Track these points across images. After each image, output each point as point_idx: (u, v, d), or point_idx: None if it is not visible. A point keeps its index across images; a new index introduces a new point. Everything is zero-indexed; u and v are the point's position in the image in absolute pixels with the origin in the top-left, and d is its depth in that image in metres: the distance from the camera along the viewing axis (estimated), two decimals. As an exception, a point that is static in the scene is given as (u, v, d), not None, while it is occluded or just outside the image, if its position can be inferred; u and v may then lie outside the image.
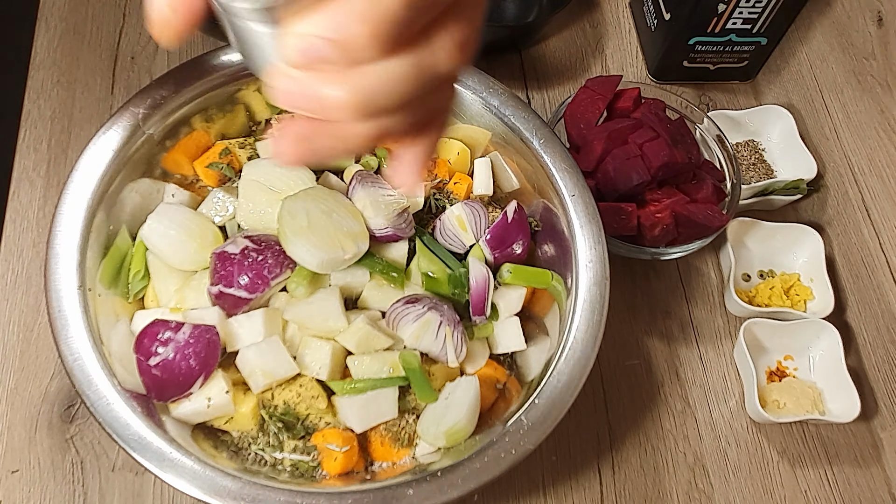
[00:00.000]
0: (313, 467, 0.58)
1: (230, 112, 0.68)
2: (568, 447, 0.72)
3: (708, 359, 0.78)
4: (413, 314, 0.60)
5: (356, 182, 0.63)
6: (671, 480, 0.72)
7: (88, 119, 0.82)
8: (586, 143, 0.77)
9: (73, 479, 0.66)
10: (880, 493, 0.73)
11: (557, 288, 0.63)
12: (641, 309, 0.80)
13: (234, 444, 0.59)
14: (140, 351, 0.56)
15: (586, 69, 0.93)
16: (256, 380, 0.57)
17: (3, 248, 0.74)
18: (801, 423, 0.75)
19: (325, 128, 0.31)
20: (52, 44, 0.86)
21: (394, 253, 0.63)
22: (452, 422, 0.58)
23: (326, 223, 0.58)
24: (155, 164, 0.66)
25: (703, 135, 0.82)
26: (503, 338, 0.64)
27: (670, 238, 0.75)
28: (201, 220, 0.63)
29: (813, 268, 0.81)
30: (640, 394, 0.75)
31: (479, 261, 0.63)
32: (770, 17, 0.83)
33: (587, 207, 0.63)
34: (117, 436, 0.52)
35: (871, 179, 0.90)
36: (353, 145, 0.32)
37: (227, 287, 0.58)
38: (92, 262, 0.59)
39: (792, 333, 0.77)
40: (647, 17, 0.92)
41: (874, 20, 1.02)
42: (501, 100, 0.67)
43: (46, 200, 0.77)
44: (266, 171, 0.63)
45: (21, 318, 0.71)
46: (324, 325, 0.60)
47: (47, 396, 0.68)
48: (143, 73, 0.86)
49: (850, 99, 0.95)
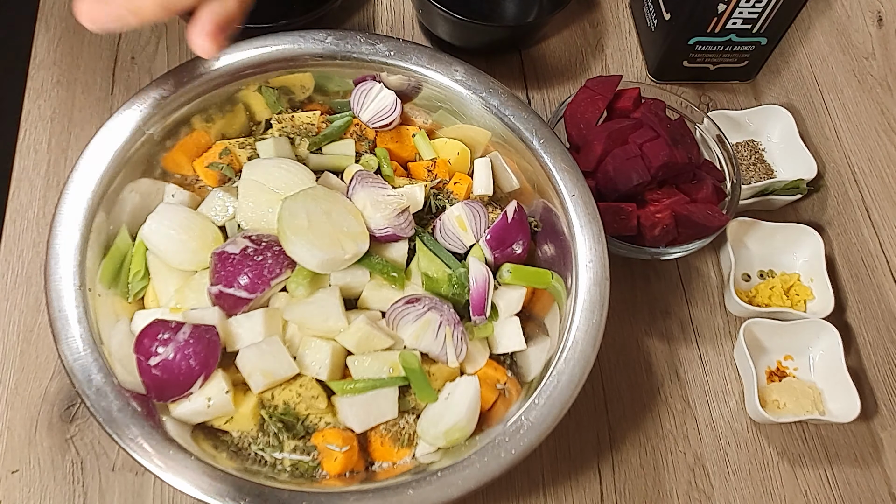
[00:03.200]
0: (313, 467, 0.59)
1: (230, 112, 0.68)
2: (568, 447, 0.72)
3: (708, 359, 0.78)
4: (413, 314, 0.60)
5: (356, 182, 0.63)
6: (671, 480, 0.72)
7: (88, 119, 0.82)
8: (586, 143, 0.77)
9: (73, 479, 0.66)
10: (880, 493, 0.73)
11: (557, 288, 0.63)
12: (641, 309, 0.80)
13: (234, 444, 0.59)
14: (140, 351, 0.56)
15: (586, 69, 0.93)
16: (256, 380, 0.57)
17: (3, 248, 0.74)
18: (801, 423, 0.75)
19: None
20: (52, 44, 0.86)
21: (394, 253, 0.63)
22: (452, 422, 0.59)
23: (326, 223, 0.58)
24: (155, 164, 0.66)
25: (703, 135, 0.82)
26: (503, 338, 0.64)
27: (670, 238, 0.75)
28: (201, 220, 0.63)
29: (813, 268, 0.81)
30: (640, 394, 0.75)
31: (479, 261, 0.63)
32: (770, 17, 0.83)
33: (587, 207, 0.63)
34: (117, 436, 0.52)
35: (871, 179, 0.90)
36: (147, 12, 0.37)
37: (227, 287, 0.58)
38: (92, 262, 0.59)
39: (792, 333, 0.77)
40: (647, 17, 0.92)
41: (874, 20, 1.02)
42: (501, 100, 0.67)
43: (46, 200, 0.77)
44: (266, 171, 0.63)
45: (21, 318, 0.71)
46: (324, 325, 0.60)
47: (47, 396, 0.69)
48: (143, 73, 0.86)
49: (850, 99, 0.95)
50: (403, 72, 0.68)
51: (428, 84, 0.68)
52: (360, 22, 0.92)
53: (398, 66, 0.67)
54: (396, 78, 0.69)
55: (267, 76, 0.67)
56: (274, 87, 0.68)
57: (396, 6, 0.94)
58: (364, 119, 0.69)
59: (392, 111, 0.69)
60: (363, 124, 0.70)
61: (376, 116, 0.69)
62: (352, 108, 0.70)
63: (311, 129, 0.69)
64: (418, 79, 0.68)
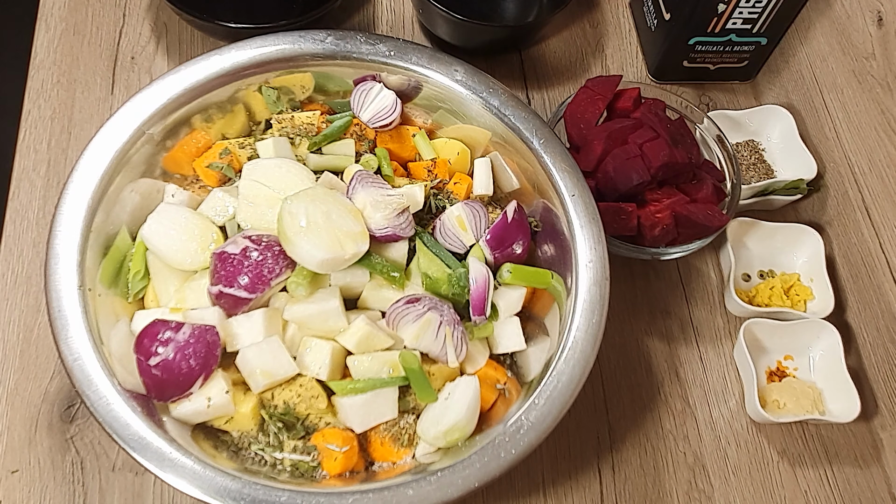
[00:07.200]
0: (313, 467, 0.58)
1: (230, 112, 0.68)
2: (568, 447, 0.72)
3: (708, 359, 0.78)
4: (413, 314, 0.60)
5: (356, 182, 0.63)
6: (671, 480, 0.72)
7: (88, 119, 0.82)
8: (586, 143, 0.77)
9: (73, 479, 0.66)
10: (880, 493, 0.73)
11: (557, 288, 0.63)
12: (641, 309, 0.80)
13: (234, 444, 0.59)
14: (140, 351, 0.56)
15: (586, 69, 0.93)
16: (256, 380, 0.57)
17: (3, 248, 0.74)
18: (801, 423, 0.75)
19: None
20: (52, 44, 0.86)
21: (394, 253, 0.63)
22: (452, 422, 0.59)
23: (326, 223, 0.58)
24: (155, 164, 0.66)
25: (703, 135, 0.82)
26: (503, 338, 0.64)
27: (670, 238, 0.75)
28: (201, 220, 0.63)
29: (813, 268, 0.81)
30: (640, 394, 0.75)
31: (479, 261, 0.63)
32: (770, 17, 0.83)
33: (587, 207, 0.63)
34: (117, 436, 0.52)
35: (871, 179, 0.90)
36: None
37: (227, 287, 0.58)
38: (92, 262, 0.59)
39: (792, 333, 0.77)
40: (647, 17, 0.92)
41: (874, 20, 1.02)
42: (501, 100, 0.67)
43: (46, 200, 0.77)
44: (266, 171, 0.63)
45: (21, 318, 0.71)
46: (324, 325, 0.60)
47: (47, 396, 0.69)
48: (143, 73, 0.86)
49: (850, 99, 0.95)
50: (403, 72, 0.68)
51: (428, 84, 0.68)
52: (360, 22, 0.92)
53: (398, 66, 0.68)
54: (396, 78, 0.69)
55: (267, 76, 0.67)
56: (274, 87, 0.68)
57: (396, 6, 0.94)
58: (364, 119, 0.69)
59: (392, 111, 0.69)
60: (363, 124, 0.70)
61: (376, 116, 0.69)
62: (352, 108, 0.70)
63: (311, 129, 0.69)
64: (418, 79, 0.68)
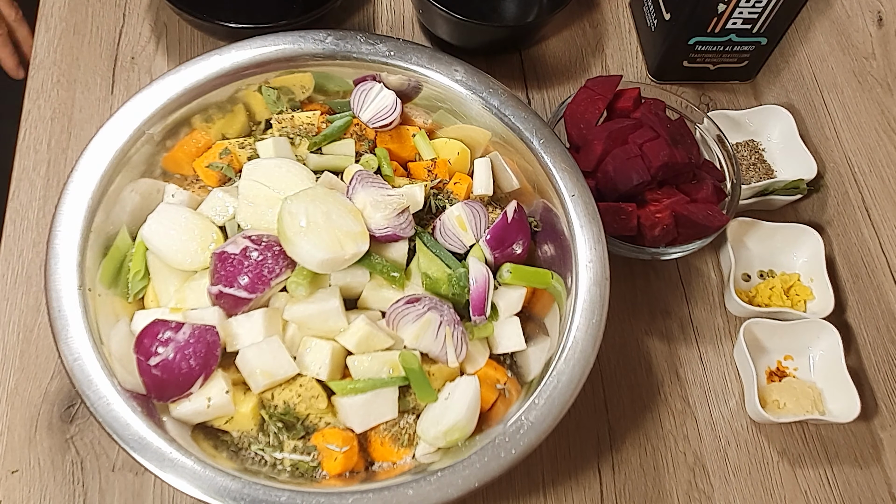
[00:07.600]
0: (313, 467, 0.58)
1: (230, 112, 0.68)
2: (568, 447, 0.72)
3: (708, 359, 0.78)
4: (413, 314, 0.60)
5: (356, 182, 0.63)
6: (671, 480, 0.72)
7: (88, 119, 0.82)
8: (586, 143, 0.77)
9: (73, 479, 0.66)
10: (880, 493, 0.73)
11: (557, 288, 0.63)
12: (641, 309, 0.80)
13: (234, 444, 0.59)
14: (140, 351, 0.56)
15: (586, 69, 0.93)
16: (256, 380, 0.57)
17: (3, 248, 0.74)
18: (801, 423, 0.75)
19: None
20: (52, 44, 0.86)
21: (394, 253, 0.63)
22: (452, 422, 0.58)
23: (326, 223, 0.58)
24: (155, 164, 0.66)
25: (703, 135, 0.82)
26: (503, 338, 0.64)
27: (670, 238, 0.75)
28: (201, 220, 0.63)
29: (813, 268, 0.81)
30: (640, 394, 0.75)
31: (479, 261, 0.63)
32: (770, 17, 0.83)
33: (587, 207, 0.63)
34: (117, 436, 0.52)
35: (871, 179, 0.90)
36: None
37: (227, 287, 0.58)
38: (92, 262, 0.59)
39: (792, 333, 0.77)
40: (647, 17, 0.92)
41: (874, 20, 1.02)
42: (501, 100, 0.67)
43: (46, 200, 0.77)
44: (266, 171, 0.63)
45: (21, 318, 0.71)
46: (324, 325, 0.60)
47: (47, 396, 0.69)
48: (143, 73, 0.86)
49: (850, 99, 0.95)
50: (403, 72, 0.68)
51: (428, 84, 0.68)
52: (360, 22, 0.92)
53: (398, 66, 0.67)
54: (396, 78, 0.69)
55: (267, 76, 0.67)
56: (274, 87, 0.68)
57: (396, 6, 0.94)
58: (364, 119, 0.69)
59: (392, 111, 0.69)
60: (363, 124, 0.70)
61: (376, 116, 0.69)
62: (352, 108, 0.70)
63: (311, 129, 0.69)
64: (418, 79, 0.68)
